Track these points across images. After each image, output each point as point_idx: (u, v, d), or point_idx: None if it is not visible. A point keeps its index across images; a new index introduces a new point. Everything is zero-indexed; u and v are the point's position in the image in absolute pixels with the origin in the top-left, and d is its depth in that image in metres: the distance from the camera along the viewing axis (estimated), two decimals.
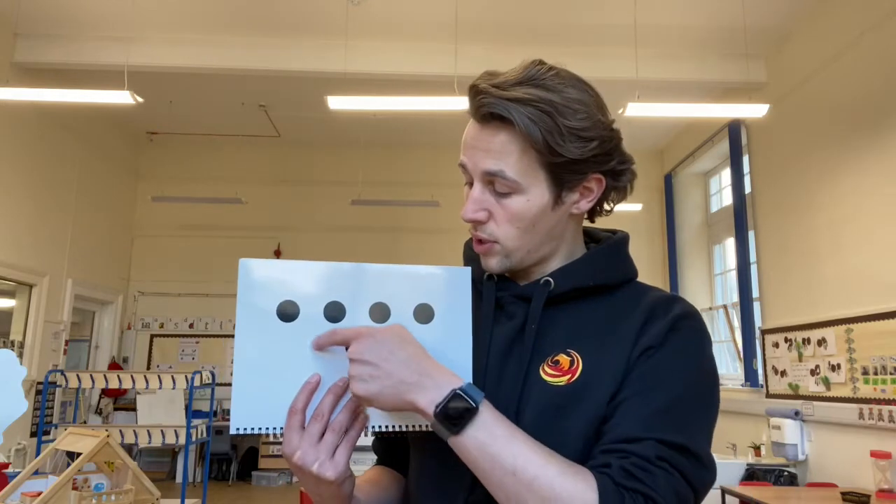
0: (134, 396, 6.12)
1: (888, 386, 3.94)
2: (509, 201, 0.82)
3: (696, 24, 5.14)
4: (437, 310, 0.80)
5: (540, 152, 0.80)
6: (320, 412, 0.75)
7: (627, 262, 0.91)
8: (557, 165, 0.82)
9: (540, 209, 0.83)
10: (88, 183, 6.74)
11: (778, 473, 4.54)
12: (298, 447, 0.74)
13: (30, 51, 5.38)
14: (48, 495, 1.89)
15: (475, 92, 0.82)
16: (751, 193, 5.84)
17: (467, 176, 0.85)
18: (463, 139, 0.86)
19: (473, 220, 0.83)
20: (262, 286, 0.78)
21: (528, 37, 5.34)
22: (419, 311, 0.79)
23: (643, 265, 6.27)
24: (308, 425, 0.75)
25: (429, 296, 0.80)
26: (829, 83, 4.67)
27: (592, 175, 0.85)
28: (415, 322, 0.79)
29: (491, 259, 0.86)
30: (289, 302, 0.77)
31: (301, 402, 0.75)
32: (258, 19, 5.19)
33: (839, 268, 4.49)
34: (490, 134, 0.81)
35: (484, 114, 0.81)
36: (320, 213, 7.80)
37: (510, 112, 0.79)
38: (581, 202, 0.86)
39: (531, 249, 0.86)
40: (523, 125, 0.79)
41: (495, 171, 0.81)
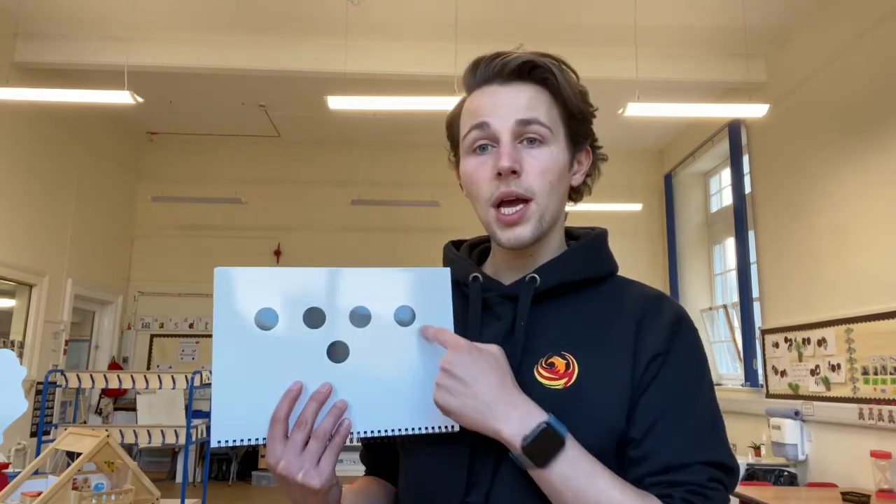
0: (134, 396, 6.12)
1: (888, 386, 3.94)
2: (539, 152, 0.84)
3: (696, 24, 5.14)
4: (417, 311, 0.79)
5: (564, 106, 0.87)
6: (303, 420, 0.73)
7: (609, 256, 0.94)
8: (575, 123, 0.88)
9: (563, 166, 0.87)
10: (88, 183, 6.73)
11: (778, 473, 4.54)
12: (282, 456, 0.73)
13: (30, 51, 5.38)
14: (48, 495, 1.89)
15: (493, 56, 0.86)
16: (751, 193, 5.84)
17: (487, 136, 0.85)
18: (472, 107, 0.87)
19: (512, 168, 0.82)
20: (239, 295, 0.76)
21: (528, 37, 5.33)
22: (400, 313, 0.79)
23: (643, 265, 6.26)
24: (291, 433, 0.73)
25: (408, 298, 0.79)
26: (829, 83, 4.67)
27: (586, 146, 0.92)
28: (396, 325, 0.78)
29: (525, 226, 0.84)
30: (267, 310, 0.76)
31: (283, 410, 0.73)
32: (258, 19, 5.19)
33: (839, 268, 4.49)
34: (517, 90, 0.85)
35: (513, 68, 0.85)
36: (320, 213, 7.80)
37: (544, 61, 0.86)
38: (577, 174, 0.91)
39: (553, 215, 0.87)
40: (554, 75, 0.85)
41: (530, 119, 0.84)
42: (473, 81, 0.88)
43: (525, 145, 0.84)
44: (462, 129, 0.88)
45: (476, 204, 0.87)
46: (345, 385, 0.76)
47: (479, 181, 0.85)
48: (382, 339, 0.78)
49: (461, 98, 0.92)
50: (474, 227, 0.95)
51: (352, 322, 0.77)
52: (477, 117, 0.85)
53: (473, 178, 0.86)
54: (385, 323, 0.78)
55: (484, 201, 0.85)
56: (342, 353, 0.77)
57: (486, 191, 0.84)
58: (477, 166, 0.85)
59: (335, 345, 0.77)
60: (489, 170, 0.84)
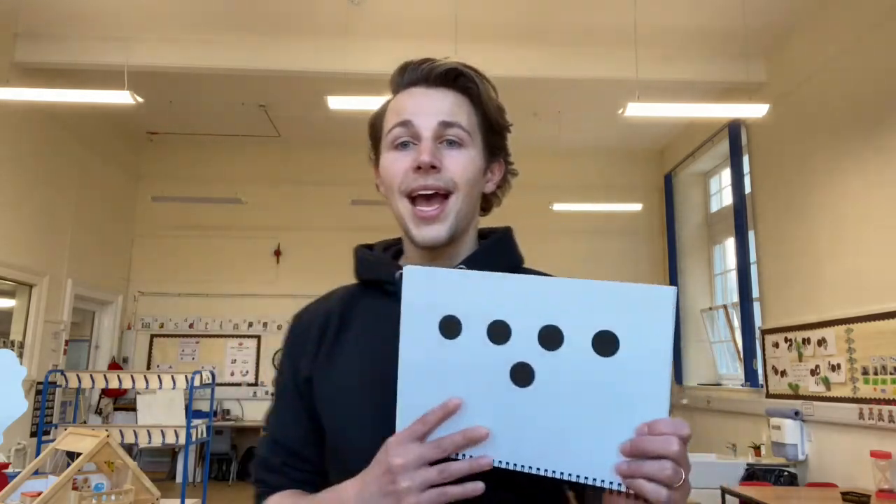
0: (134, 396, 6.11)
1: (888, 386, 3.94)
2: (458, 153, 0.88)
3: (696, 24, 5.14)
4: (622, 340, 0.65)
5: (484, 116, 0.91)
6: (444, 447, 0.69)
7: (518, 249, 0.99)
8: (492, 134, 0.93)
9: (479, 170, 0.90)
10: (88, 183, 6.73)
11: (778, 473, 4.54)
12: (405, 455, 0.70)
13: (30, 51, 5.38)
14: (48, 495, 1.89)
15: (422, 61, 0.90)
16: (751, 193, 5.84)
17: (409, 133, 0.88)
18: (397, 107, 0.91)
19: (432, 163, 0.85)
20: (426, 298, 0.71)
21: (528, 37, 5.34)
22: (599, 339, 0.66)
23: (643, 265, 6.27)
24: (427, 446, 0.70)
25: (614, 321, 0.65)
26: (829, 83, 4.67)
27: (500, 158, 0.96)
28: (594, 353, 0.66)
29: (442, 224, 0.86)
30: (451, 318, 0.70)
31: (434, 418, 0.70)
32: (258, 19, 5.19)
33: (839, 268, 4.49)
34: (441, 95, 0.89)
35: (439, 74, 0.89)
36: (320, 213, 7.80)
37: (468, 71, 0.90)
38: (489, 182, 0.94)
39: (468, 215, 0.90)
40: (476, 85, 0.90)
41: (452, 122, 0.87)
42: (401, 83, 0.92)
43: (445, 146, 0.88)
44: (386, 126, 0.92)
45: (391, 197, 0.90)
46: (524, 411, 0.68)
47: (397, 173, 0.88)
48: (573, 368, 0.66)
49: (387, 99, 0.95)
50: None
51: (540, 343, 0.68)
52: (401, 115, 0.89)
53: (391, 171, 0.89)
54: (580, 349, 0.66)
55: (399, 192, 0.88)
56: (526, 376, 0.68)
57: (403, 182, 0.87)
58: (396, 159, 0.89)
59: (519, 366, 0.68)
60: (408, 163, 0.87)
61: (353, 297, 0.96)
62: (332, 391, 0.88)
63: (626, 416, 0.65)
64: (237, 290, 7.63)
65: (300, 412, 0.92)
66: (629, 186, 7.75)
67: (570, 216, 7.51)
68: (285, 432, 0.93)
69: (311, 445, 0.91)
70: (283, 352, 0.97)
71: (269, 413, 0.97)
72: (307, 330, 0.95)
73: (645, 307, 0.64)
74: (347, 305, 0.95)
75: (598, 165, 7.84)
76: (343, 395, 0.87)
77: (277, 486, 0.91)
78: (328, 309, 0.96)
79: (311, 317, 0.97)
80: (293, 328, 0.98)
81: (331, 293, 1.01)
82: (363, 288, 0.96)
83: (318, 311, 0.97)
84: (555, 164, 7.60)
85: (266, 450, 0.93)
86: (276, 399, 0.97)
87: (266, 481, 0.92)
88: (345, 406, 0.87)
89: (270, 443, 0.93)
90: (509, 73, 5.44)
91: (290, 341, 0.97)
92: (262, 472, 0.93)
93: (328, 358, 0.91)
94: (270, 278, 7.68)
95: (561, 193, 7.27)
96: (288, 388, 0.94)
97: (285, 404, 0.94)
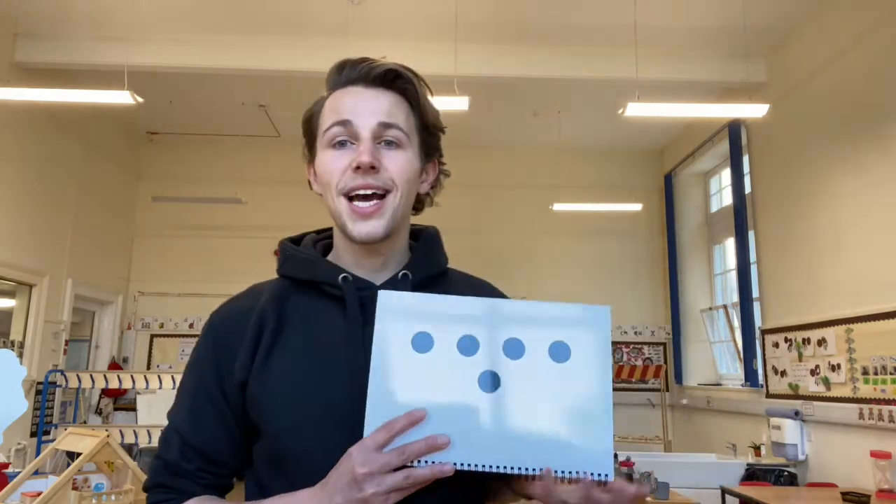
0: (134, 396, 6.11)
1: (888, 386, 3.94)
2: (396, 153, 0.88)
3: (695, 24, 5.14)
4: (573, 348, 0.79)
5: (420, 117, 0.92)
6: (409, 453, 0.73)
7: (443, 249, 1.01)
8: (428, 135, 0.94)
9: (415, 170, 0.91)
10: (88, 183, 6.73)
11: (778, 473, 4.54)
12: (368, 464, 0.72)
13: (30, 51, 5.38)
14: (48, 495, 1.89)
15: (360, 60, 0.91)
16: (751, 193, 5.84)
17: (348, 133, 0.88)
18: (335, 105, 0.90)
19: (371, 164, 0.85)
20: (399, 317, 0.79)
21: (527, 37, 5.34)
22: (554, 349, 0.79)
23: (643, 265, 6.26)
24: (390, 453, 0.72)
25: (565, 334, 0.79)
26: (829, 83, 4.67)
27: (434, 159, 0.97)
28: (550, 360, 0.78)
29: (379, 220, 0.87)
30: (423, 334, 0.78)
31: (400, 425, 0.73)
32: (258, 19, 5.19)
33: (839, 268, 4.49)
34: (379, 94, 0.89)
35: (378, 74, 0.89)
36: (320, 213, 7.72)
37: (407, 73, 0.91)
38: (424, 182, 0.96)
39: (403, 213, 0.91)
40: (414, 87, 0.91)
41: (391, 123, 0.88)
42: (338, 81, 0.92)
43: (383, 146, 0.88)
44: (323, 124, 0.91)
45: (328, 194, 0.90)
46: (491, 413, 0.76)
47: (335, 172, 0.88)
48: (535, 373, 0.78)
49: (321, 97, 0.95)
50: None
51: (505, 353, 0.78)
52: (340, 115, 0.88)
53: (329, 169, 0.88)
54: (539, 357, 0.78)
55: (336, 191, 0.88)
56: (493, 382, 0.77)
57: (341, 182, 0.87)
58: (334, 158, 0.88)
59: (486, 374, 0.77)
60: (346, 162, 0.87)
61: (285, 295, 0.92)
62: (272, 395, 0.85)
63: (578, 410, 0.77)
64: (237, 290, 7.50)
65: (225, 415, 0.88)
66: (629, 186, 7.75)
67: (570, 216, 7.51)
68: (202, 436, 0.88)
69: (232, 450, 0.89)
70: (204, 351, 0.91)
71: (176, 412, 0.91)
72: (237, 330, 0.90)
73: (589, 322, 0.79)
74: (280, 305, 0.91)
75: (598, 165, 7.84)
76: (284, 399, 0.84)
77: (188, 491, 0.87)
78: (261, 308, 0.91)
79: (238, 316, 0.92)
80: (218, 327, 0.92)
81: (254, 290, 0.97)
82: (293, 286, 0.93)
83: (245, 309, 0.92)
84: (555, 164, 7.59)
85: (176, 453, 0.87)
86: (186, 398, 0.91)
87: (173, 486, 0.87)
88: (287, 410, 0.84)
89: (181, 446, 0.88)
90: (509, 73, 5.44)
91: (215, 341, 0.91)
92: (168, 476, 0.88)
93: (266, 361, 0.87)
94: (270, 278, 7.68)
95: (561, 193, 7.26)
96: (208, 389, 0.89)
97: (203, 406, 0.89)
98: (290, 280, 0.95)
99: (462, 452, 0.75)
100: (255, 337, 0.88)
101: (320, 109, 0.93)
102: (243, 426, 0.88)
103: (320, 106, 0.93)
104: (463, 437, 0.75)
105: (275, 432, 0.84)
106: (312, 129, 0.94)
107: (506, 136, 7.29)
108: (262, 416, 0.85)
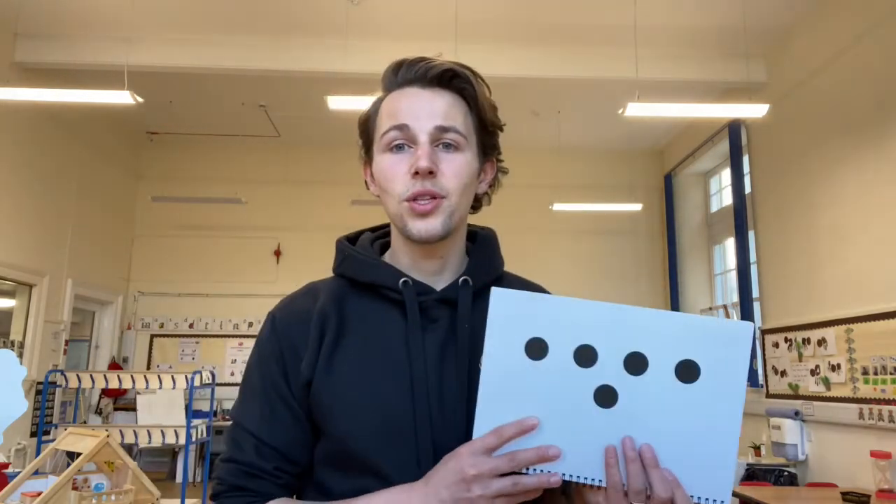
0: (134, 396, 6.11)
1: (888, 386, 3.94)
2: (454, 156, 0.86)
3: (696, 24, 5.14)
4: (704, 369, 0.71)
5: (479, 117, 0.90)
6: (517, 462, 0.72)
7: (500, 252, 1.00)
8: (486, 134, 0.92)
9: (474, 172, 0.90)
10: (88, 183, 6.73)
11: (778, 473, 4.54)
12: (477, 467, 0.72)
13: (30, 51, 5.38)
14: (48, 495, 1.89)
15: (417, 59, 0.89)
16: (751, 193, 5.84)
17: (405, 137, 0.86)
18: (391, 108, 0.89)
19: (429, 169, 0.84)
20: (514, 319, 0.74)
21: (527, 37, 5.34)
22: (682, 367, 0.71)
23: (643, 265, 6.25)
24: (500, 457, 0.72)
25: (696, 351, 0.71)
26: (830, 83, 4.67)
27: (493, 158, 0.95)
28: (675, 380, 0.71)
29: (436, 218, 0.85)
30: (537, 340, 0.73)
31: (510, 432, 0.72)
32: (258, 19, 5.19)
33: (839, 268, 4.49)
34: (436, 96, 0.87)
35: (435, 74, 0.87)
36: (320, 213, 7.80)
37: (464, 72, 0.88)
38: (482, 182, 0.94)
39: (462, 216, 0.89)
40: (472, 86, 0.88)
41: (448, 126, 0.86)
42: (394, 82, 0.91)
43: (441, 149, 0.86)
44: (380, 127, 0.89)
45: (387, 199, 0.89)
46: (605, 431, 0.72)
47: (395, 177, 0.86)
48: (656, 392, 0.72)
49: (377, 97, 0.94)
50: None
51: (625, 367, 0.72)
52: (397, 119, 0.87)
53: (388, 175, 0.87)
54: (663, 375, 0.71)
55: (397, 196, 0.86)
56: (611, 398, 0.72)
57: (401, 186, 0.86)
58: (393, 163, 0.87)
59: (603, 388, 0.72)
60: (405, 167, 0.86)
61: (345, 296, 0.91)
62: (337, 397, 0.84)
63: (700, 436, 0.71)
64: (237, 290, 7.63)
65: (296, 414, 0.87)
66: (629, 186, 7.75)
67: (570, 216, 7.51)
68: (278, 434, 0.87)
69: (306, 448, 0.88)
70: (267, 349, 0.90)
71: (245, 413, 0.89)
72: (301, 329, 0.89)
73: (725, 340, 0.71)
74: (341, 306, 0.90)
75: (598, 165, 7.84)
76: (348, 401, 0.84)
77: (267, 493, 0.86)
78: (321, 309, 0.90)
79: (301, 315, 0.90)
80: (280, 324, 0.91)
81: (312, 289, 0.94)
82: (350, 286, 0.92)
83: (306, 309, 0.91)
84: (555, 164, 7.59)
85: (252, 454, 0.86)
86: (254, 398, 0.89)
87: (251, 489, 0.86)
88: (350, 413, 0.83)
89: (257, 446, 0.86)
90: (509, 73, 5.44)
91: (279, 339, 0.89)
92: (244, 478, 0.86)
93: (329, 362, 0.86)
94: (270, 278, 7.68)
95: (561, 193, 7.27)
96: (275, 388, 0.88)
97: (271, 405, 0.88)
98: (347, 280, 0.93)
99: (571, 464, 0.72)
100: (318, 337, 0.88)
101: (377, 112, 0.92)
102: (311, 425, 0.88)
103: (376, 108, 0.92)
104: (573, 450, 0.72)
105: (338, 434, 0.84)
106: (369, 131, 0.93)
107: (506, 136, 7.23)
108: (326, 418, 0.85)
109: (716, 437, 0.71)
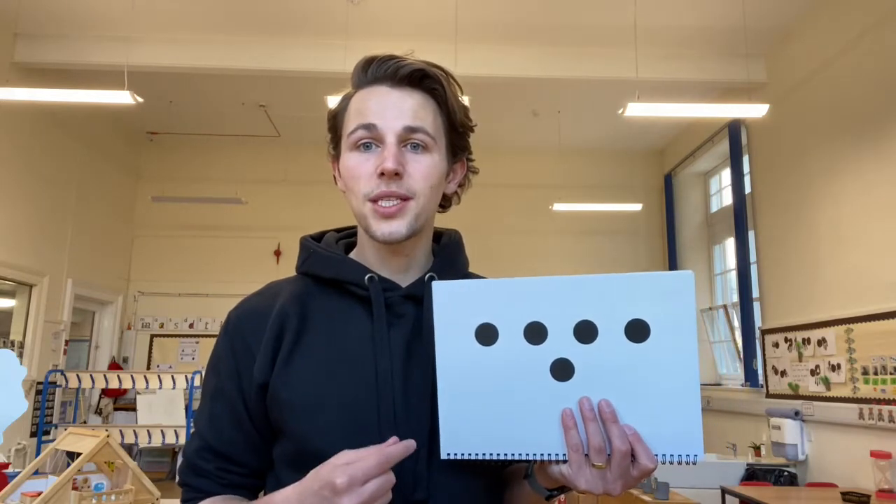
0: (134, 396, 6.12)
1: (888, 386, 3.94)
2: (422, 157, 0.86)
3: (696, 24, 5.14)
4: (652, 325, 0.70)
5: (448, 118, 0.89)
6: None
7: (465, 252, 0.99)
8: (456, 135, 0.91)
9: (441, 174, 0.89)
10: (88, 183, 6.73)
11: (778, 473, 4.54)
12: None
13: (30, 51, 5.38)
14: (48, 495, 1.89)
15: (387, 57, 0.87)
16: (751, 193, 5.84)
17: (372, 136, 0.85)
18: (360, 106, 0.87)
19: (395, 170, 0.83)
20: (459, 309, 0.73)
21: (527, 37, 5.34)
22: (631, 327, 0.71)
23: (643, 265, 6.23)
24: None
25: (642, 309, 0.70)
26: (830, 83, 4.67)
27: (462, 157, 0.95)
28: (627, 341, 0.71)
29: (402, 220, 0.85)
30: (486, 325, 0.73)
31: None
32: (258, 19, 5.19)
33: (839, 268, 4.49)
34: (405, 95, 0.86)
35: (405, 74, 0.86)
36: (321, 213, 7.79)
37: (435, 72, 0.88)
38: (451, 182, 0.94)
39: (428, 217, 0.89)
40: (442, 86, 0.88)
41: (417, 127, 0.85)
42: (364, 79, 0.89)
43: (409, 149, 0.86)
44: (348, 125, 0.89)
45: (352, 198, 0.88)
46: (566, 405, 0.72)
47: (360, 177, 0.86)
48: (611, 357, 0.71)
49: (346, 92, 0.92)
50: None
51: (576, 337, 0.71)
52: (365, 117, 0.86)
53: (354, 174, 0.86)
54: (614, 338, 0.71)
55: (362, 196, 0.86)
56: (567, 371, 0.72)
57: (366, 187, 0.85)
58: (359, 162, 0.86)
59: (559, 362, 0.72)
60: (371, 167, 0.85)
61: (308, 294, 0.90)
62: (295, 397, 0.83)
63: (662, 394, 0.71)
64: (237, 290, 7.62)
65: (241, 417, 0.87)
66: (629, 186, 7.75)
67: (571, 216, 7.51)
68: (220, 437, 0.88)
69: (250, 451, 0.88)
70: (223, 351, 0.90)
71: (199, 414, 0.91)
72: (256, 329, 0.88)
73: (668, 292, 0.70)
74: (303, 304, 0.89)
75: (598, 165, 7.84)
76: (308, 401, 0.83)
77: (207, 490, 0.88)
78: (281, 308, 0.88)
79: (258, 316, 0.89)
80: (236, 327, 0.90)
81: (272, 288, 0.95)
82: (314, 284, 0.92)
83: (265, 309, 0.90)
84: (555, 164, 7.59)
85: (195, 455, 0.88)
86: (206, 399, 0.91)
87: (193, 485, 0.88)
88: (311, 412, 0.82)
89: (201, 448, 0.88)
90: (509, 73, 5.44)
91: (231, 340, 0.89)
92: (190, 476, 0.89)
93: (288, 362, 0.85)
94: (270, 278, 7.53)
95: (561, 193, 7.27)
96: (227, 390, 0.88)
97: (221, 407, 0.88)
98: (311, 278, 0.92)
99: (536, 444, 0.72)
100: (275, 338, 0.86)
101: (345, 108, 0.91)
102: (263, 427, 0.87)
103: (345, 104, 0.91)
104: (538, 429, 0.72)
105: (298, 434, 0.83)
106: (337, 127, 0.92)
107: (506, 136, 7.29)
108: (285, 419, 0.84)
109: (677, 392, 0.70)
